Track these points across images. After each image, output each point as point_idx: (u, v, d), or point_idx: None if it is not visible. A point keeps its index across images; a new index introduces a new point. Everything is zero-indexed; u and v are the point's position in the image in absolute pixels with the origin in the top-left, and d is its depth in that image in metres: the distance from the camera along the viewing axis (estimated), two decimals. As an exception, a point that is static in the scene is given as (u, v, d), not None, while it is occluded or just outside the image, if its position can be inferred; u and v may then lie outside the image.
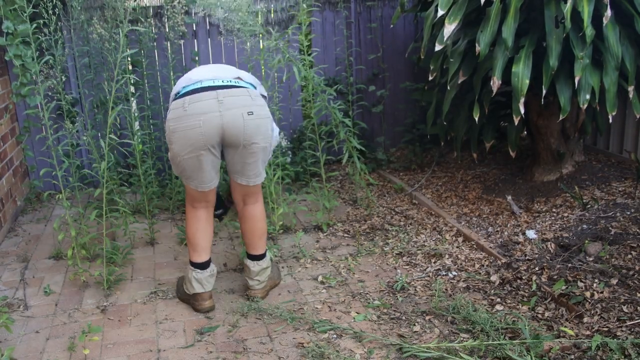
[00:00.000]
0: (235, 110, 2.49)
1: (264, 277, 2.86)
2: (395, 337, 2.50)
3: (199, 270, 2.74)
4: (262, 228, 2.82)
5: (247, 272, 2.86)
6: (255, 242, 2.82)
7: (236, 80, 2.59)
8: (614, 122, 4.04)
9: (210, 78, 2.57)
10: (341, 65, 4.89)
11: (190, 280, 2.75)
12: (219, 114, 2.48)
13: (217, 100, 2.49)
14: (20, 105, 4.41)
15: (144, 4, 4.52)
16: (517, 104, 3.13)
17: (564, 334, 2.39)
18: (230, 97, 2.51)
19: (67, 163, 3.26)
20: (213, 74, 2.61)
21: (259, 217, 2.81)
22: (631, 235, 2.91)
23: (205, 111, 2.48)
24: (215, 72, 2.63)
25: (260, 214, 2.81)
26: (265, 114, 2.57)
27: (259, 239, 2.82)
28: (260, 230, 2.82)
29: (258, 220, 2.81)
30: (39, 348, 2.53)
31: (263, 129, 2.56)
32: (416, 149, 4.89)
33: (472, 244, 3.32)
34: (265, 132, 2.57)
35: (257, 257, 2.84)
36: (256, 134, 2.54)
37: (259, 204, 2.81)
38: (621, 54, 3.07)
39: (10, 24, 3.81)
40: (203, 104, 2.49)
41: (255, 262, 2.84)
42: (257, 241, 2.82)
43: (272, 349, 2.46)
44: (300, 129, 4.89)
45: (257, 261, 2.84)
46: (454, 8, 3.15)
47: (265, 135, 2.58)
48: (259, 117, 2.54)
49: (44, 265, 3.38)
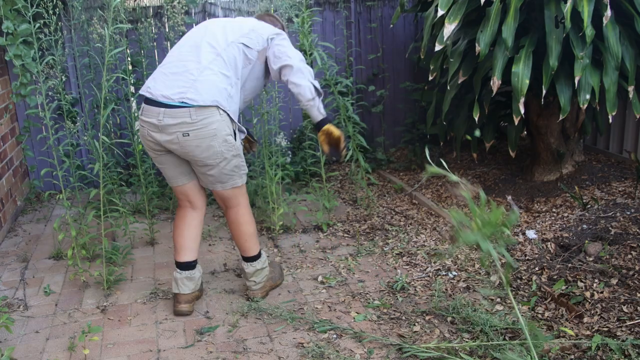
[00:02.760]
0: (170, 130, 2.51)
1: (259, 277, 2.86)
2: (395, 337, 2.50)
3: (178, 270, 2.76)
4: (247, 231, 2.79)
5: (243, 273, 2.88)
6: (242, 244, 2.82)
7: (181, 101, 2.50)
8: (614, 122, 4.04)
9: (159, 93, 2.54)
10: (341, 65, 4.89)
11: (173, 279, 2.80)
12: (159, 134, 2.55)
13: (157, 120, 2.52)
14: (20, 105, 4.41)
15: (144, 4, 4.53)
16: (517, 104, 3.13)
17: (564, 334, 2.39)
18: (168, 117, 2.50)
19: (68, 163, 3.26)
20: (166, 86, 2.55)
21: (241, 220, 2.78)
22: (631, 235, 2.91)
23: (150, 125, 2.56)
24: (170, 85, 2.55)
25: (242, 217, 2.77)
26: (206, 133, 2.50)
27: (245, 242, 2.81)
28: (246, 234, 2.80)
29: (240, 224, 2.78)
30: (39, 348, 2.54)
31: (204, 148, 2.52)
32: (416, 149, 4.89)
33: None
34: (208, 150, 2.53)
35: (249, 258, 2.83)
36: (198, 153, 2.54)
37: (240, 207, 2.77)
38: (621, 54, 3.07)
39: (10, 24, 3.81)
40: (149, 119, 2.56)
41: (248, 263, 2.83)
42: (244, 244, 2.81)
43: (272, 349, 2.46)
44: (300, 129, 4.89)
45: (250, 262, 2.83)
46: (454, 8, 3.15)
47: (211, 153, 2.54)
48: (197, 138, 2.50)
49: (44, 265, 3.38)
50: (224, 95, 2.55)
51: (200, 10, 4.66)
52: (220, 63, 2.60)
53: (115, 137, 4.50)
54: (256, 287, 2.86)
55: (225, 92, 2.57)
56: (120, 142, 4.10)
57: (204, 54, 2.60)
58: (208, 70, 2.56)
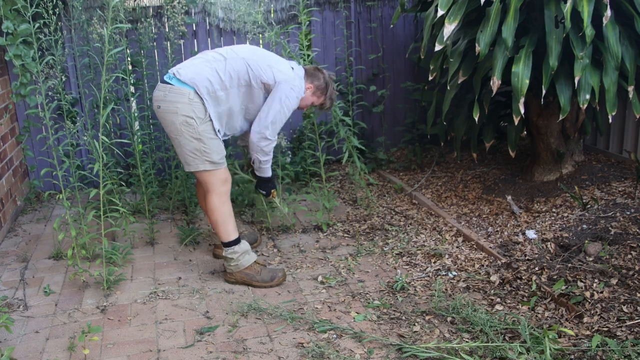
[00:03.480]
0: (154, 102, 2.96)
1: (228, 263, 3.04)
2: (395, 337, 2.50)
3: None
4: (213, 218, 3.01)
5: None
6: (213, 228, 3.10)
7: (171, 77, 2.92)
8: (614, 122, 4.04)
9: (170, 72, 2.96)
10: (341, 65, 4.89)
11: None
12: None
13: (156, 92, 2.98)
14: (20, 105, 4.41)
15: (144, 4, 4.52)
16: (517, 104, 3.13)
17: (564, 334, 2.39)
18: (157, 91, 2.95)
19: (67, 163, 3.26)
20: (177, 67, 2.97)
21: (210, 207, 3.01)
22: (631, 235, 2.91)
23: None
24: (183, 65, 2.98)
25: (210, 203, 3.00)
26: (170, 109, 2.86)
27: (214, 226, 3.05)
28: (212, 220, 3.03)
29: (209, 209, 3.02)
30: (38, 348, 2.54)
31: (168, 122, 2.90)
32: (416, 149, 4.89)
33: (472, 244, 3.32)
34: (170, 125, 2.91)
35: (222, 243, 3.05)
36: (165, 125, 2.95)
37: (211, 194, 2.99)
38: (621, 54, 3.07)
39: (10, 24, 3.81)
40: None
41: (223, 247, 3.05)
42: (213, 228, 3.09)
43: (272, 349, 2.46)
44: (300, 129, 4.89)
45: (224, 247, 3.04)
46: (453, 8, 3.15)
47: (171, 128, 2.91)
48: (164, 111, 2.89)
49: (43, 265, 3.38)
50: (204, 84, 2.86)
51: (200, 10, 4.65)
52: (221, 65, 2.92)
53: (115, 137, 4.50)
54: (227, 270, 3.09)
55: (209, 83, 2.87)
56: (120, 142, 4.10)
57: (213, 54, 3.00)
58: (206, 63, 2.93)
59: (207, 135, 2.90)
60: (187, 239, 3.58)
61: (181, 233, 3.66)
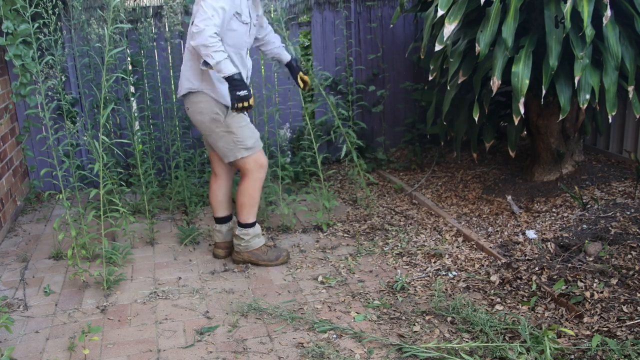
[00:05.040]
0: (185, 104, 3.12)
1: (238, 242, 3.24)
2: (395, 337, 2.50)
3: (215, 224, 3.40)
4: (241, 201, 3.19)
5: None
6: (237, 208, 3.25)
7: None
8: (614, 122, 4.04)
9: None
10: (341, 65, 4.89)
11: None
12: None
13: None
14: (20, 105, 4.41)
15: (144, 4, 4.52)
16: (517, 104, 3.13)
17: (563, 333, 2.39)
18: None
19: (67, 163, 3.26)
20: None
21: (241, 190, 3.19)
22: (631, 235, 2.91)
23: None
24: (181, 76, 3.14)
25: (242, 187, 3.17)
26: (196, 109, 3.03)
27: (238, 207, 3.22)
28: (240, 202, 3.21)
29: (240, 192, 3.19)
30: (38, 348, 2.54)
31: (198, 122, 3.09)
32: (416, 149, 4.89)
33: (472, 244, 3.33)
34: (200, 125, 3.09)
35: (239, 223, 3.24)
36: (196, 125, 3.14)
37: (244, 178, 3.17)
38: (621, 54, 3.07)
39: (10, 24, 3.81)
40: None
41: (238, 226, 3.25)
42: (237, 208, 3.24)
43: (272, 349, 2.46)
44: (300, 129, 4.89)
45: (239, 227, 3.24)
46: (453, 8, 3.15)
47: (202, 127, 3.10)
48: (192, 113, 3.07)
49: (43, 265, 3.38)
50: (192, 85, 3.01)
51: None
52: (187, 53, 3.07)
53: (115, 137, 4.50)
54: (237, 249, 3.27)
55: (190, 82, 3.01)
56: (120, 142, 4.10)
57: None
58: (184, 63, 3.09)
59: (236, 124, 3.04)
60: (187, 239, 3.59)
61: (181, 233, 3.66)
